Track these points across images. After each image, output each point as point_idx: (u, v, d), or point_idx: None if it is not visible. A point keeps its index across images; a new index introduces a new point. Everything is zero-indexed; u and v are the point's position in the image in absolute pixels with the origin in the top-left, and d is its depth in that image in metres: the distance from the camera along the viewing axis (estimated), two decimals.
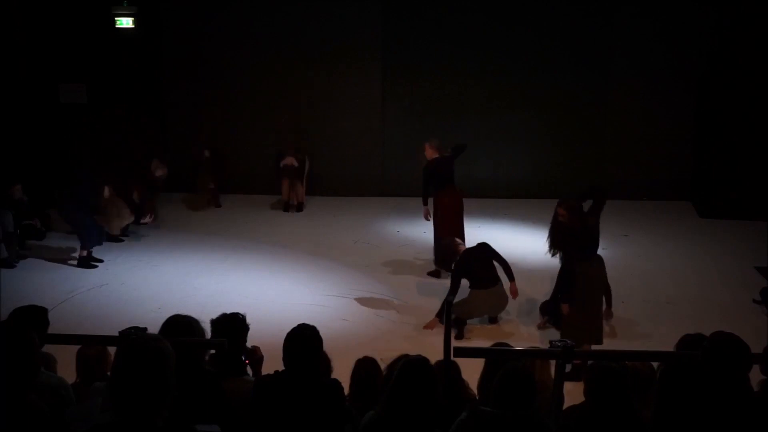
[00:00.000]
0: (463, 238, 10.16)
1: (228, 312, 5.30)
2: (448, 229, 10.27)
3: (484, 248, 9.17)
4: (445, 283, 10.03)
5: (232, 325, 5.12)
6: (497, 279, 9.10)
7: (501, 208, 13.57)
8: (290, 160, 13.51)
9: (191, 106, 14.36)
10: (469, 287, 9.06)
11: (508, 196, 14.00)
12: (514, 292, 9.07)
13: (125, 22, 13.76)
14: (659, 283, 10.62)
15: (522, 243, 11.42)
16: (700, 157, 13.73)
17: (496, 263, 9.14)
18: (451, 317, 4.99)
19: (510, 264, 9.11)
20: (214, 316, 5.25)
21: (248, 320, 5.24)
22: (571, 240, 8.20)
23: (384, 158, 14.48)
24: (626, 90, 14.03)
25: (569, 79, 14.02)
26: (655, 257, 11.56)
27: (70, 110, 14.10)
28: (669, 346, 5.22)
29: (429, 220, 10.63)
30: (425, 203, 10.59)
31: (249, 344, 5.22)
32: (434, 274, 10.55)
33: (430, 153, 10.62)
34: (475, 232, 10.90)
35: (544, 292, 9.43)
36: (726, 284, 10.51)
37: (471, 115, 14.16)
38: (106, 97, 14.14)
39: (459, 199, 10.55)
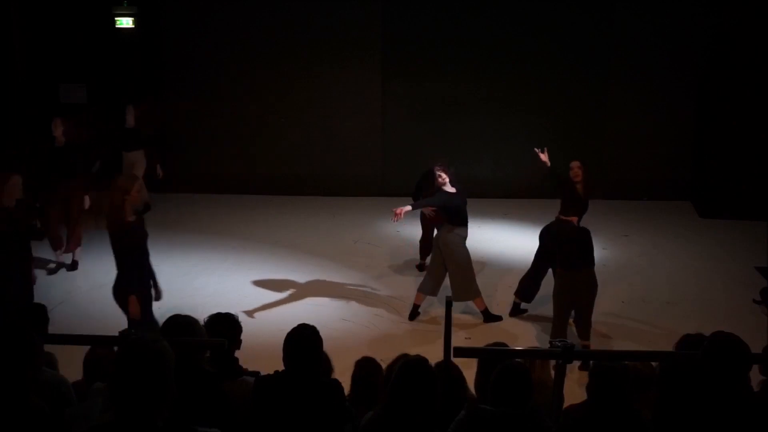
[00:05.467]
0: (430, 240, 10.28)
1: (221, 312, 5.27)
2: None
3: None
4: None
5: (228, 325, 5.11)
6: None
7: (501, 208, 13.57)
8: (130, 118, 12.19)
9: (191, 107, 14.37)
10: None
11: (509, 196, 14.01)
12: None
13: (125, 22, 13.78)
14: (659, 283, 10.63)
15: (522, 243, 11.41)
16: (700, 157, 13.73)
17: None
18: (451, 317, 5.00)
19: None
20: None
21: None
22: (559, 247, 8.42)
23: (384, 158, 14.48)
24: (626, 90, 14.03)
25: (569, 79, 14.03)
26: (655, 257, 11.57)
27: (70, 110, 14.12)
28: (669, 346, 5.22)
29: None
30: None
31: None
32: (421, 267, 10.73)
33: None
34: (475, 232, 10.90)
35: (542, 293, 9.42)
36: (726, 284, 10.52)
37: (471, 115, 14.17)
38: (106, 97, 14.16)
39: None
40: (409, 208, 9.08)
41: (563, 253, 8.36)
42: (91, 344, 5.43)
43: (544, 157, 9.40)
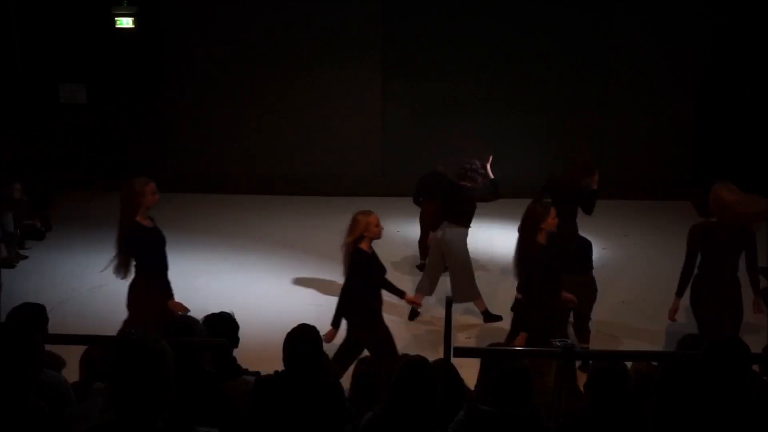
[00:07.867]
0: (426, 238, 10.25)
1: (216, 312, 5.26)
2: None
3: None
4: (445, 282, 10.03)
5: (227, 324, 5.11)
6: None
7: (501, 208, 13.54)
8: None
9: (191, 107, 14.38)
10: None
11: (508, 196, 13.97)
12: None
13: (125, 22, 13.78)
14: (659, 283, 10.60)
15: None
16: (700, 157, 13.74)
17: None
18: (451, 317, 5.01)
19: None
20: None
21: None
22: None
23: (384, 158, 14.49)
24: (626, 90, 14.04)
25: (569, 79, 14.03)
26: (654, 257, 11.56)
27: (70, 110, 14.15)
28: (669, 346, 5.23)
29: None
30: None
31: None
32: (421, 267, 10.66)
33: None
34: (476, 232, 10.89)
35: None
36: None
37: (471, 115, 14.17)
38: (106, 97, 14.17)
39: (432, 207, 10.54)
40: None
41: (561, 258, 8.34)
42: (90, 344, 5.42)
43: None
